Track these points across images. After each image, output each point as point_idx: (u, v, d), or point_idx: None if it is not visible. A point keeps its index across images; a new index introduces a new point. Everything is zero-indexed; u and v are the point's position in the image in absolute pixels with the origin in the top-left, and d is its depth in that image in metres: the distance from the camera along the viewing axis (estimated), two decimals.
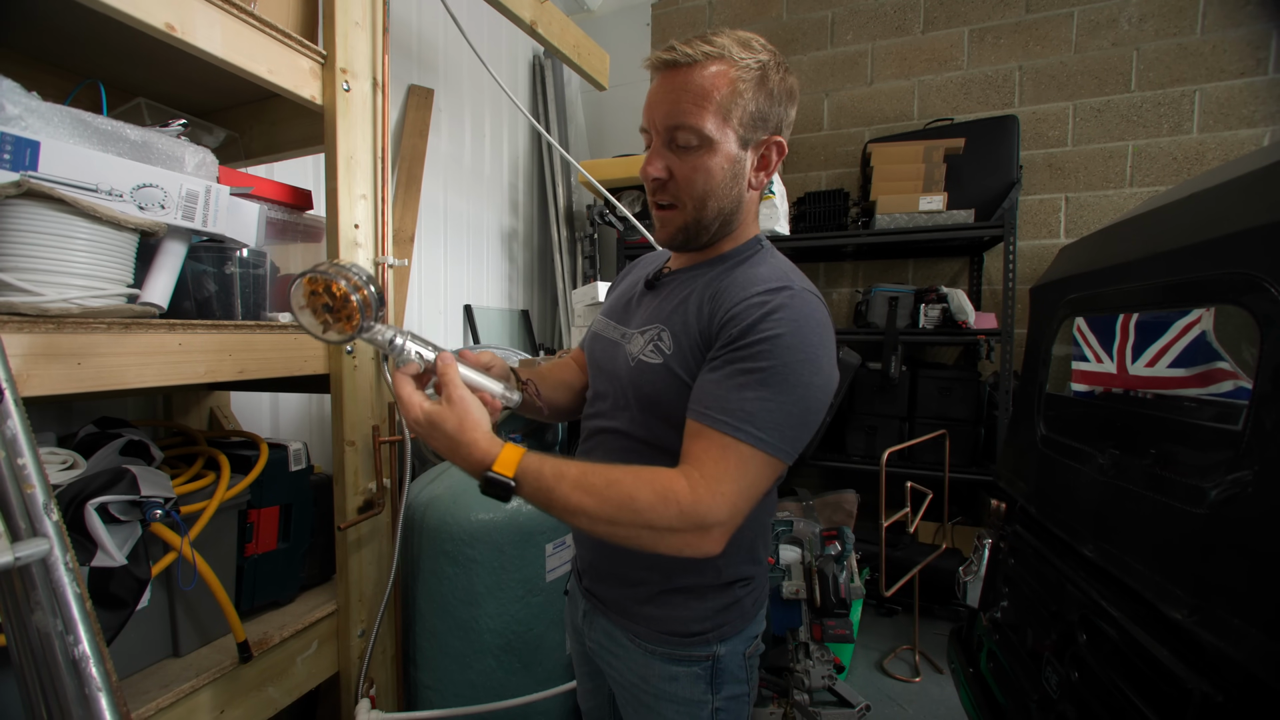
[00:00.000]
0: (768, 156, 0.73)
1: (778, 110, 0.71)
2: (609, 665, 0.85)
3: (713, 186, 0.71)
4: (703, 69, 0.68)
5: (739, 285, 0.70)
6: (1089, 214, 2.61)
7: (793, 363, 0.63)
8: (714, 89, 0.67)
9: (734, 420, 0.63)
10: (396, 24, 2.15)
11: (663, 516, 0.61)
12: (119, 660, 0.93)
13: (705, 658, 0.77)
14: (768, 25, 3.14)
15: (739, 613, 0.79)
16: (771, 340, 0.64)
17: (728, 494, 0.62)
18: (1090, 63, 2.57)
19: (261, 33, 1.02)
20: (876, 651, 2.22)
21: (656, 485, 0.62)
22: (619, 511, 0.62)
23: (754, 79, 0.69)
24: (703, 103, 0.68)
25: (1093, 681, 0.89)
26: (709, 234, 0.75)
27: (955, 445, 2.39)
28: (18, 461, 0.58)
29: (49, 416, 1.25)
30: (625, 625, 0.80)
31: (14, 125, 0.79)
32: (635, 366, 0.75)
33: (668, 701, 0.78)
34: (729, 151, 0.70)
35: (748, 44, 0.70)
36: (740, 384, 0.64)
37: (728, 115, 0.68)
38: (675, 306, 0.75)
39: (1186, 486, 0.76)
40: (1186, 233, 0.85)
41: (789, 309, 0.65)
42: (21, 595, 0.59)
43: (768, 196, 2.56)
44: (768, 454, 0.64)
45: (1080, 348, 1.21)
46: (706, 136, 0.68)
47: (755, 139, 0.71)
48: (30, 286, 0.75)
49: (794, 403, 0.64)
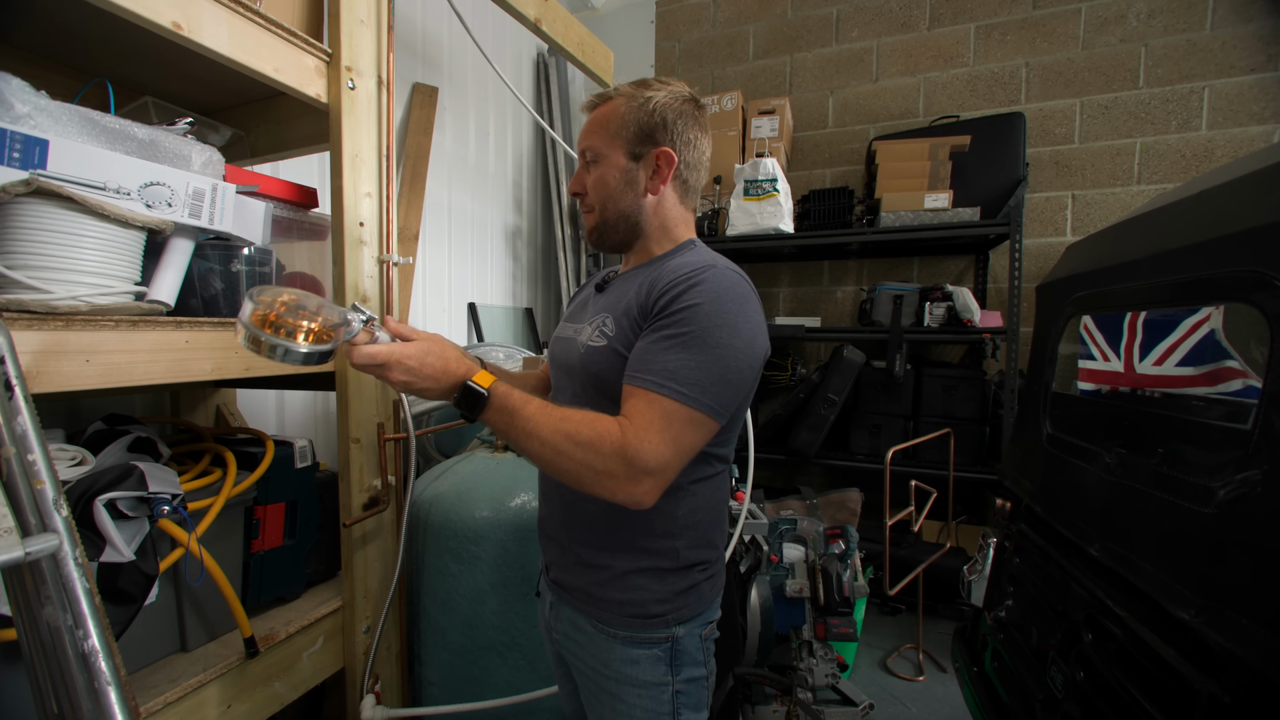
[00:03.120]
0: (661, 168, 0.85)
1: (664, 128, 0.84)
2: (573, 655, 0.89)
3: (609, 192, 0.87)
4: (603, 107, 0.87)
5: (670, 270, 0.80)
6: (1096, 212, 2.59)
7: (711, 326, 0.72)
8: (607, 120, 0.86)
9: (658, 378, 0.71)
10: (401, 22, 2.15)
11: (600, 454, 0.69)
12: (128, 655, 0.94)
13: (664, 639, 0.82)
14: (772, 23, 3.13)
15: (696, 596, 0.84)
16: (692, 308, 0.73)
17: (654, 443, 0.69)
18: (1098, 59, 2.55)
19: (267, 31, 1.02)
20: (880, 650, 2.21)
21: (597, 426, 0.71)
22: (565, 443, 0.70)
23: (638, 105, 0.84)
24: (597, 128, 0.87)
25: (1098, 681, 0.89)
26: (617, 233, 0.89)
27: (960, 444, 2.38)
28: (28, 457, 0.59)
29: (58, 413, 1.26)
30: (589, 611, 0.85)
31: (23, 124, 0.80)
32: (584, 353, 0.84)
33: (629, 685, 0.81)
34: (618, 163, 0.86)
35: (646, 84, 0.86)
36: (664, 347, 0.73)
37: (615, 134, 0.85)
38: (619, 298, 0.85)
39: (1194, 486, 0.76)
40: (1196, 230, 0.84)
41: (709, 282, 0.75)
42: (32, 590, 0.60)
43: (772, 194, 2.55)
44: (691, 408, 0.70)
45: (1087, 346, 1.20)
46: (599, 152, 0.87)
47: (643, 152, 0.85)
48: (39, 284, 0.76)
49: (713, 362, 0.71)
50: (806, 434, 2.59)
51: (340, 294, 1.17)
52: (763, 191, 2.56)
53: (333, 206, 1.18)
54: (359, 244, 1.19)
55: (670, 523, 0.81)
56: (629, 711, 0.81)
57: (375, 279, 1.23)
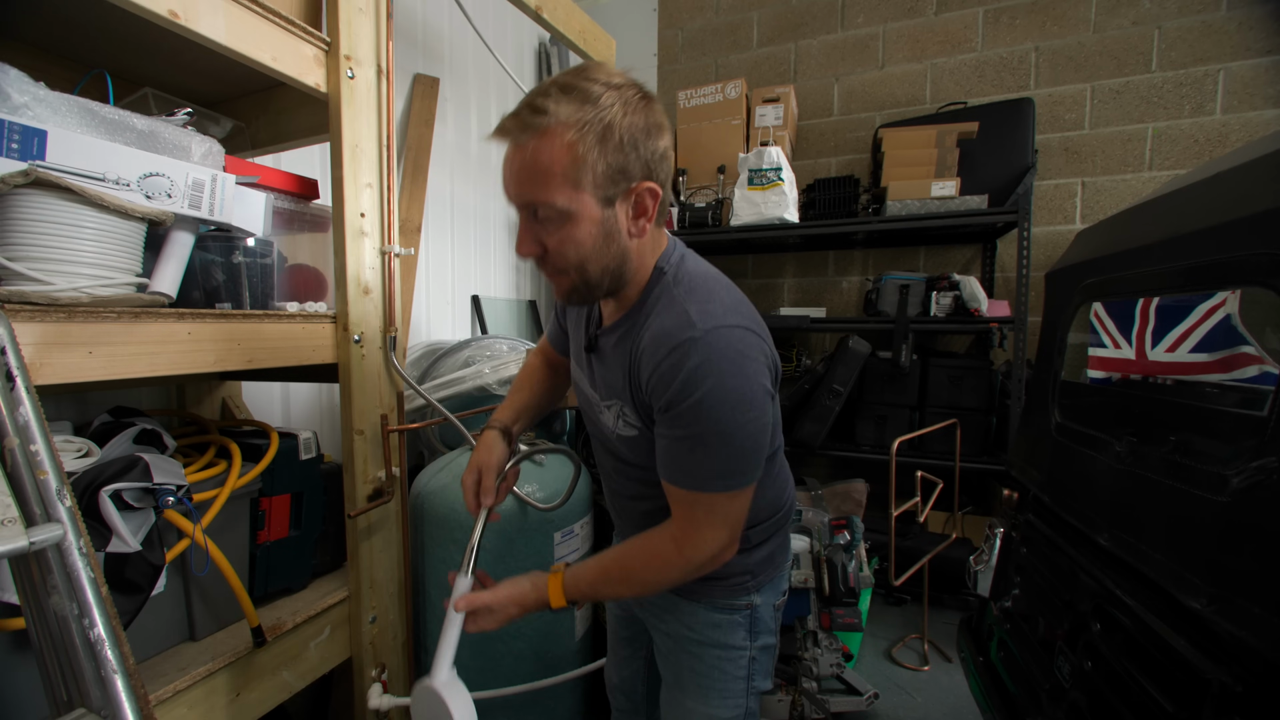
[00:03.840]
0: (642, 203, 0.70)
1: (635, 156, 0.67)
2: (653, 616, 0.95)
3: (586, 253, 0.69)
4: (537, 146, 0.64)
5: (649, 351, 0.71)
6: (1106, 199, 2.55)
7: (721, 416, 0.68)
8: (554, 163, 0.64)
9: (694, 481, 0.72)
10: (401, 13, 2.13)
11: (670, 576, 0.76)
12: (137, 644, 0.95)
13: (745, 606, 0.87)
14: (776, 9, 3.08)
15: (771, 564, 0.90)
16: (694, 405, 0.67)
17: (706, 536, 0.73)
18: (1109, 42, 2.50)
19: (265, 19, 1.01)
20: (885, 640, 2.22)
21: (654, 563, 0.76)
22: (640, 587, 0.79)
23: (595, 137, 0.64)
24: (546, 180, 0.65)
25: (1107, 671, 0.88)
26: (603, 289, 0.75)
27: (966, 434, 2.36)
28: (31, 448, 0.59)
29: (65, 406, 1.27)
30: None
31: (21, 114, 0.79)
32: (617, 439, 0.84)
33: (711, 647, 0.88)
34: (592, 216, 0.67)
35: (587, 95, 0.64)
36: (686, 449, 0.71)
37: (577, 183, 0.65)
38: (616, 377, 0.79)
39: (1207, 474, 0.74)
40: (1211, 213, 0.82)
41: (701, 365, 0.66)
42: (38, 579, 0.60)
43: (776, 184, 2.52)
44: (733, 491, 0.72)
45: (1098, 333, 1.18)
46: (562, 210, 0.66)
47: (618, 192, 0.68)
48: (40, 275, 0.75)
49: (736, 445, 0.70)
50: (811, 425, 2.58)
51: (341, 285, 1.17)
52: (767, 181, 2.53)
53: (333, 197, 1.17)
54: (360, 235, 1.19)
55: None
56: (708, 672, 0.88)
57: (377, 270, 1.23)
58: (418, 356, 2.05)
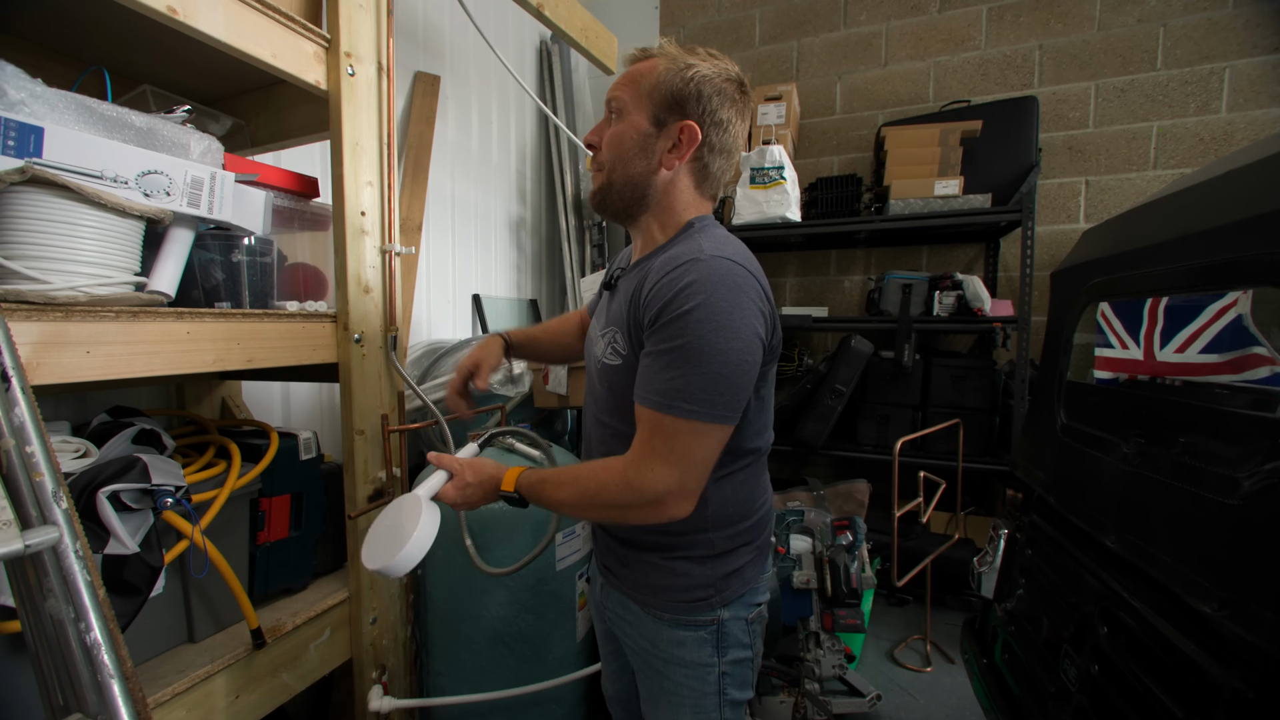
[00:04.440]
0: (681, 142, 0.79)
1: (696, 101, 0.78)
2: (624, 634, 0.92)
3: (621, 153, 0.80)
4: (642, 62, 0.81)
5: (655, 270, 0.76)
6: (1110, 198, 2.54)
7: (706, 333, 0.69)
8: (641, 74, 0.80)
9: (660, 398, 0.70)
10: (402, 10, 2.12)
11: (613, 498, 0.73)
12: (135, 646, 0.94)
13: (710, 622, 0.83)
14: (779, 7, 3.07)
15: (739, 580, 0.85)
16: (682, 316, 0.69)
17: (656, 469, 0.71)
18: (1114, 40, 2.48)
19: (264, 15, 1.00)
20: (888, 641, 2.21)
21: (600, 475, 0.75)
22: (584, 499, 0.76)
23: (676, 69, 0.78)
24: (629, 82, 0.80)
25: (1113, 674, 0.87)
26: (620, 200, 0.82)
27: (969, 435, 2.35)
28: (26, 449, 0.58)
29: (64, 406, 1.26)
30: (635, 596, 0.87)
31: (18, 111, 0.79)
32: (600, 369, 0.84)
33: (676, 665, 0.84)
34: (639, 124, 0.79)
35: (692, 50, 0.80)
36: (663, 364, 0.71)
37: (645, 93, 0.79)
38: (622, 304, 0.81)
39: (1218, 476, 0.73)
40: (1221, 213, 0.81)
41: (696, 282, 0.70)
42: (35, 582, 0.60)
43: (779, 182, 2.51)
44: (699, 421, 0.70)
45: (1104, 334, 1.17)
46: (624, 106, 0.80)
47: (668, 120, 0.79)
48: (38, 274, 0.75)
49: (712, 371, 0.69)
50: (813, 425, 2.57)
51: (342, 284, 1.16)
52: (769, 179, 2.52)
53: (333, 195, 1.16)
54: (360, 234, 1.18)
55: (699, 520, 0.80)
56: (675, 690, 0.85)
57: (378, 269, 1.22)
58: (418, 355, 2.04)
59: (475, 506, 0.84)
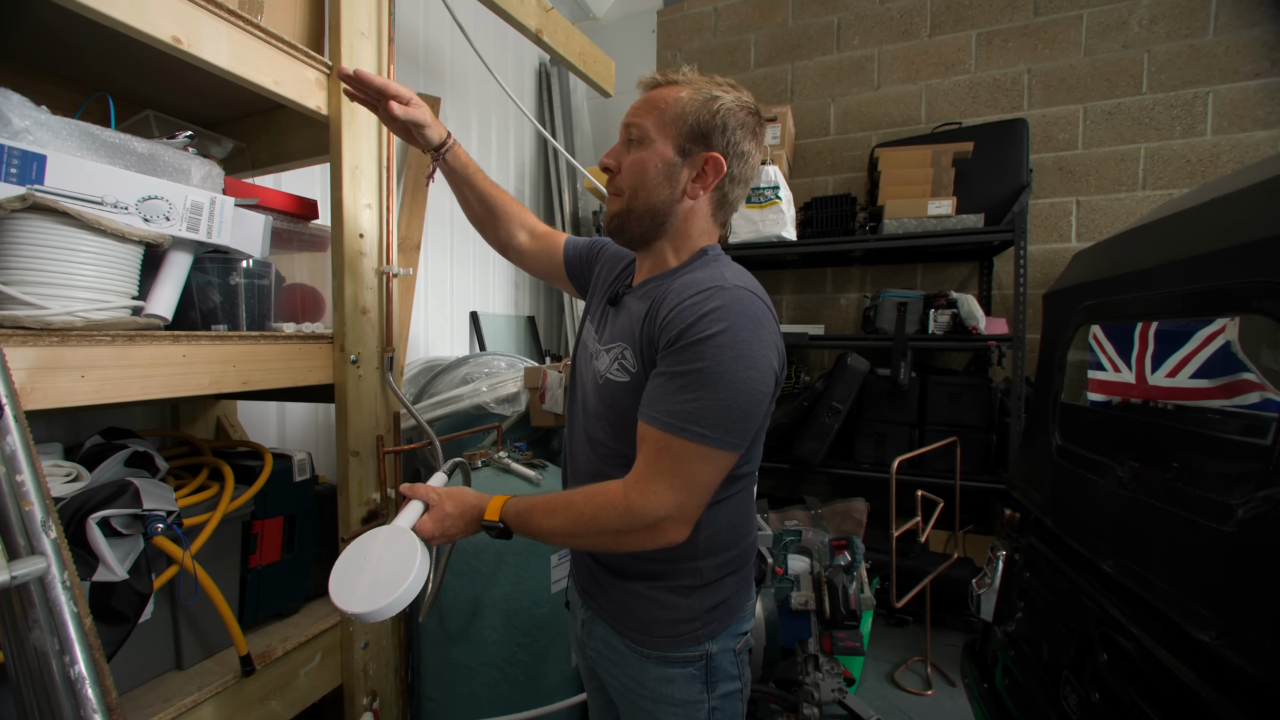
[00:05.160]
0: (705, 172, 0.80)
1: (721, 133, 0.79)
2: (607, 674, 0.88)
3: (644, 181, 0.80)
4: (665, 89, 0.80)
5: (675, 291, 0.75)
6: (1101, 217, 2.57)
7: (726, 360, 0.69)
8: (664, 101, 0.79)
9: (674, 420, 0.69)
10: (404, 33, 2.16)
11: (610, 523, 0.71)
12: (121, 673, 0.92)
13: (698, 657, 0.81)
14: (773, 31, 3.14)
15: (726, 610, 0.83)
16: (704, 341, 0.69)
17: (660, 492, 0.69)
18: (1100, 65, 2.54)
19: (267, 44, 1.02)
20: (887, 663, 2.18)
21: (598, 499, 0.73)
22: (578, 526, 0.73)
23: (701, 100, 0.78)
24: (651, 109, 0.80)
25: (1114, 702, 0.86)
26: (640, 226, 0.82)
27: (966, 452, 2.35)
28: (16, 478, 0.58)
29: (57, 427, 1.25)
30: (620, 630, 0.84)
31: (22, 139, 0.80)
32: (603, 385, 0.82)
33: (665, 704, 0.81)
34: (664, 153, 0.79)
35: (712, 80, 0.81)
36: (680, 385, 0.70)
37: (669, 122, 0.78)
38: (631, 322, 0.81)
39: (1212, 502, 0.73)
40: (1208, 238, 0.82)
41: (721, 309, 0.70)
42: (20, 613, 0.59)
43: (774, 202, 2.54)
44: (709, 447, 0.69)
45: (1097, 356, 1.18)
46: (647, 133, 0.79)
47: (693, 151, 0.79)
48: (34, 300, 0.75)
49: (729, 399, 0.69)
50: (811, 443, 2.56)
51: (339, 305, 1.16)
52: (765, 199, 2.55)
53: (332, 218, 1.17)
54: (359, 255, 1.19)
55: (691, 546, 0.78)
56: None
57: (375, 290, 1.23)
58: (415, 373, 2.04)
59: (453, 539, 0.80)
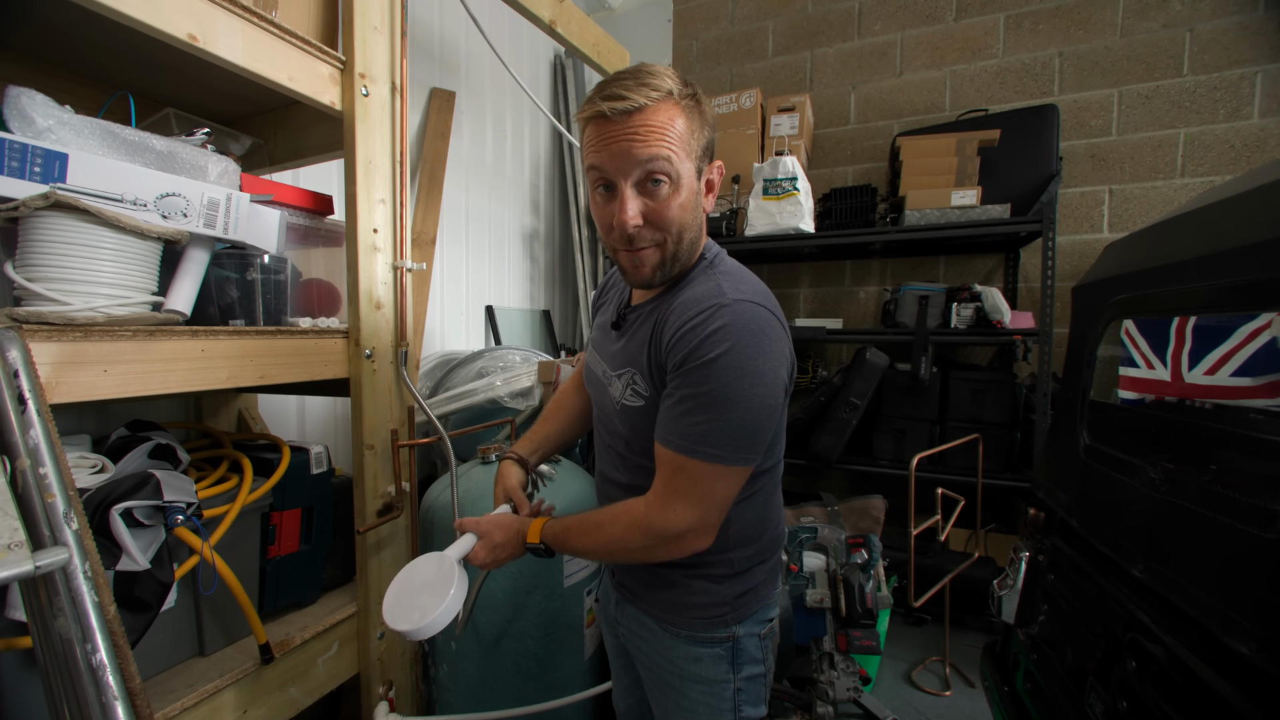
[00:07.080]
0: (712, 182, 0.79)
1: (712, 135, 0.77)
2: (639, 650, 0.92)
3: (685, 219, 0.74)
4: (658, 108, 0.69)
5: (676, 312, 0.74)
6: (1135, 207, 2.47)
7: (732, 381, 0.68)
8: (671, 125, 0.70)
9: (687, 443, 0.70)
10: (419, 27, 2.16)
11: (638, 541, 0.74)
12: (146, 659, 0.95)
13: (725, 639, 0.84)
14: (792, 18, 3.07)
15: (754, 597, 0.86)
16: (710, 364, 0.69)
17: (679, 509, 0.72)
18: (1138, 46, 2.42)
19: (281, 40, 1.03)
20: (904, 663, 2.15)
21: (623, 519, 0.76)
22: (609, 546, 0.77)
23: (696, 111, 0.73)
24: (669, 139, 0.70)
25: (1142, 712, 0.83)
26: (679, 264, 0.78)
27: (989, 450, 2.29)
28: (40, 471, 0.59)
29: (87, 419, 1.29)
30: (652, 612, 0.88)
31: (45, 138, 0.81)
32: (620, 410, 0.83)
33: (692, 682, 0.85)
34: (691, 184, 0.74)
35: (673, 76, 0.73)
36: (688, 408, 0.70)
37: (688, 149, 0.72)
38: (639, 345, 0.80)
39: (1253, 507, 0.70)
40: (1255, 227, 0.78)
41: (723, 329, 0.69)
42: (45, 601, 0.61)
43: (792, 193, 2.50)
44: (722, 465, 0.71)
45: (1129, 352, 1.13)
46: (676, 171, 0.71)
47: (704, 165, 0.77)
48: (58, 296, 0.77)
49: (739, 417, 0.69)
50: (828, 438, 2.52)
51: (354, 300, 1.17)
52: (782, 190, 2.51)
53: (347, 213, 1.18)
54: (373, 250, 1.19)
55: (722, 541, 0.81)
56: (692, 707, 0.85)
57: (389, 285, 1.24)
58: (431, 367, 2.06)
59: (504, 564, 0.86)
